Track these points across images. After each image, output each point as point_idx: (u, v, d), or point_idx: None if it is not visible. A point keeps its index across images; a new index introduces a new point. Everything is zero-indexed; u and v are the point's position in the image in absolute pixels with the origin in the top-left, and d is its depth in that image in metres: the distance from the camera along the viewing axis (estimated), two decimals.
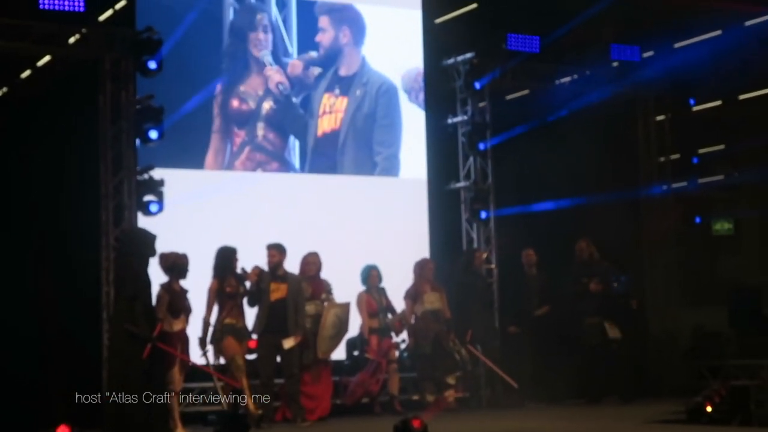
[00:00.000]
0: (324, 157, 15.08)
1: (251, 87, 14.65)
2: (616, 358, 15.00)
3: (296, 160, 14.93)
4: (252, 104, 14.65)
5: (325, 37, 15.22)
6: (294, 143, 14.91)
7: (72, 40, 13.41)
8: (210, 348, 12.17)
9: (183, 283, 11.85)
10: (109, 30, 13.61)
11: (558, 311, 15.11)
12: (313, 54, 15.05)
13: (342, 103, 15.24)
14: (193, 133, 14.23)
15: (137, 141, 13.52)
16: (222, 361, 12.21)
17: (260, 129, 14.68)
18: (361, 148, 15.32)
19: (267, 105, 14.74)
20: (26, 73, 13.84)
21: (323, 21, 15.23)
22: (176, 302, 11.65)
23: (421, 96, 15.75)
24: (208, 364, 12.02)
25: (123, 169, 13.52)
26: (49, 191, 13.15)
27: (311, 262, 13.36)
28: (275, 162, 14.80)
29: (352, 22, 15.40)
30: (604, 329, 14.91)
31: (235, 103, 14.58)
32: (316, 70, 15.03)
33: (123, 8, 13.88)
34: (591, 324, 14.97)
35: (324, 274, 13.44)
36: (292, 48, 14.95)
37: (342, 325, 13.30)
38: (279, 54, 14.83)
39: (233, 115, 14.55)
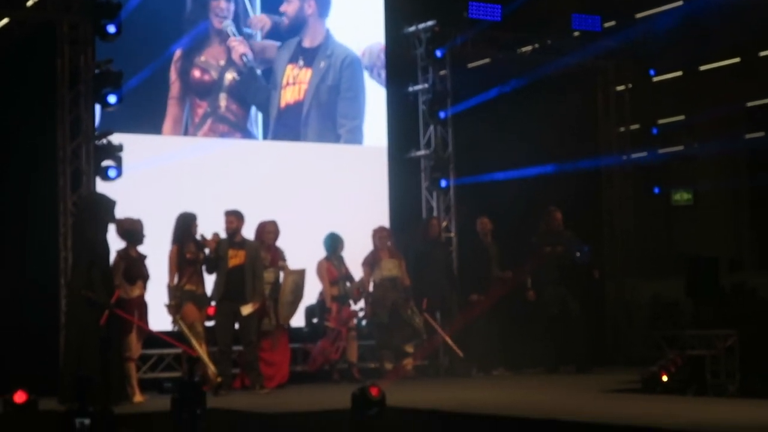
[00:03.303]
0: (287, 128, 14.93)
1: (212, 57, 14.45)
2: (575, 327, 15.07)
3: (259, 132, 14.78)
4: (214, 75, 14.47)
5: (290, 8, 15.04)
6: (257, 114, 14.76)
7: (30, 2, 13.24)
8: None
9: (142, 249, 11.80)
10: None
11: (516, 279, 15.13)
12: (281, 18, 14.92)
13: (306, 74, 15.10)
14: (153, 98, 14.07)
15: (96, 105, 13.39)
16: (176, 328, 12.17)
17: (223, 100, 14.51)
18: (325, 120, 15.18)
19: (230, 76, 14.56)
20: None
21: None
22: (133, 269, 11.59)
23: (383, 73, 15.62)
24: (180, 331, 11.95)
25: (81, 133, 13.40)
26: (6, 155, 13.03)
27: (270, 231, 13.30)
28: (238, 133, 14.64)
29: None
30: (564, 299, 14.98)
31: (196, 73, 14.37)
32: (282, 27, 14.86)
33: None
34: (551, 293, 15.04)
35: (282, 241, 13.40)
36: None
37: (299, 291, 13.27)
38: (242, 25, 14.68)
39: (195, 85, 14.35)
